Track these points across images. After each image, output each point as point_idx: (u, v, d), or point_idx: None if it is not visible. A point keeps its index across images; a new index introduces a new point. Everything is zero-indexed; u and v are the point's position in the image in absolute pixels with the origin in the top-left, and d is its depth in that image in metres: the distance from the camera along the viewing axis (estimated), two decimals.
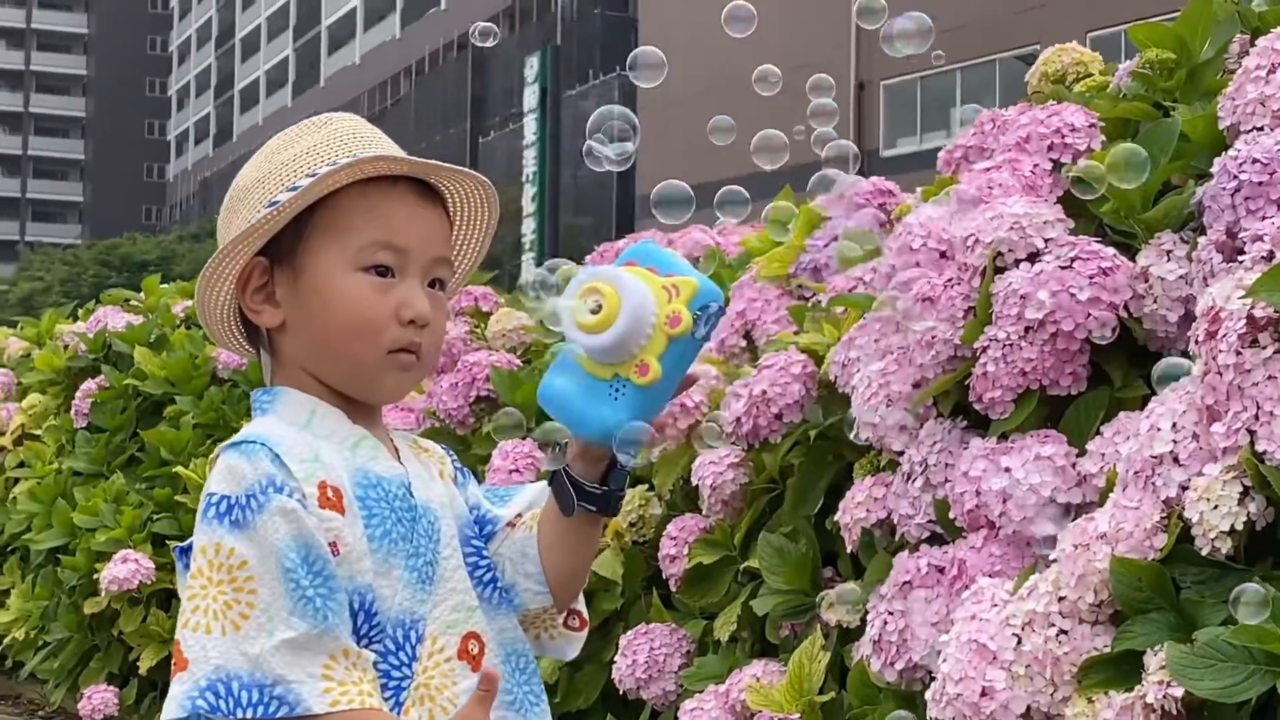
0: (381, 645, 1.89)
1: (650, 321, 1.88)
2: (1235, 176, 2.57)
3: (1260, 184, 2.54)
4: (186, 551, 1.87)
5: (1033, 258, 2.75)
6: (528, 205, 45.17)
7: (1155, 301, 2.66)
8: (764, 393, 3.28)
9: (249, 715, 1.75)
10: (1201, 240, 2.62)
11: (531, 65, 46.68)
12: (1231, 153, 2.62)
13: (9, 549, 7.44)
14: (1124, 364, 2.70)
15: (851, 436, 3.01)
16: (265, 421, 1.93)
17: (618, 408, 1.90)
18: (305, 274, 1.94)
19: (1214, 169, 2.63)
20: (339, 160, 1.94)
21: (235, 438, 1.89)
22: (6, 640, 7.14)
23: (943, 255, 2.94)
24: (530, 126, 46.29)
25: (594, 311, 1.88)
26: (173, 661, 1.80)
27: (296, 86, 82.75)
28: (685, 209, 2.38)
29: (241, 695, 1.76)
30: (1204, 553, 2.30)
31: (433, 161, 1.98)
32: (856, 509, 3.00)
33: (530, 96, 46.49)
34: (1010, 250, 2.77)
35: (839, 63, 33.17)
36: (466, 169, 2.04)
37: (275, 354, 2.00)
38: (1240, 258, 2.46)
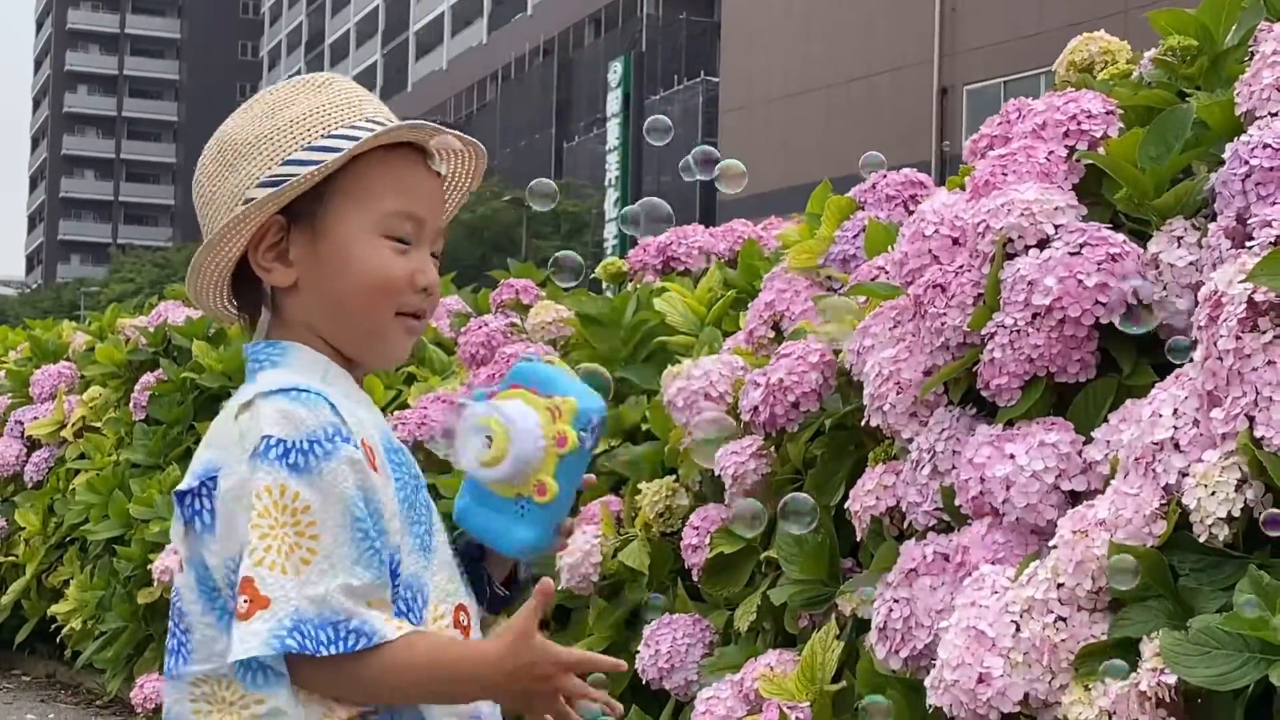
0: (395, 607, 1.90)
1: (539, 446, 1.96)
2: (1246, 162, 2.54)
3: (1271, 169, 2.51)
4: (183, 496, 1.85)
5: (1043, 244, 2.73)
6: (610, 210, 45.21)
7: (1165, 288, 2.63)
8: (781, 381, 3.27)
9: (328, 653, 1.77)
10: (1212, 226, 2.59)
11: (615, 70, 46.70)
12: (1244, 138, 2.58)
13: (69, 540, 7.53)
14: (1133, 351, 2.67)
15: (862, 423, 3.00)
16: (285, 373, 1.91)
17: (528, 524, 1.98)
18: (327, 236, 1.95)
19: (1226, 154, 2.60)
20: (356, 123, 1.95)
21: (273, 384, 1.86)
22: (65, 630, 7.23)
23: (955, 242, 2.92)
24: (613, 132, 46.31)
25: (485, 447, 1.97)
26: (241, 598, 1.78)
27: (384, 92, 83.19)
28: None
29: (319, 635, 1.78)
30: (1202, 540, 2.28)
31: (459, 133, 2.01)
32: (866, 497, 2.98)
33: (613, 102, 46.51)
34: (1020, 236, 2.74)
35: (922, 68, 33.02)
36: (477, 142, 2.06)
37: (278, 313, 1.98)
38: (1249, 243, 2.42)
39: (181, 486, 1.87)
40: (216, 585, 1.84)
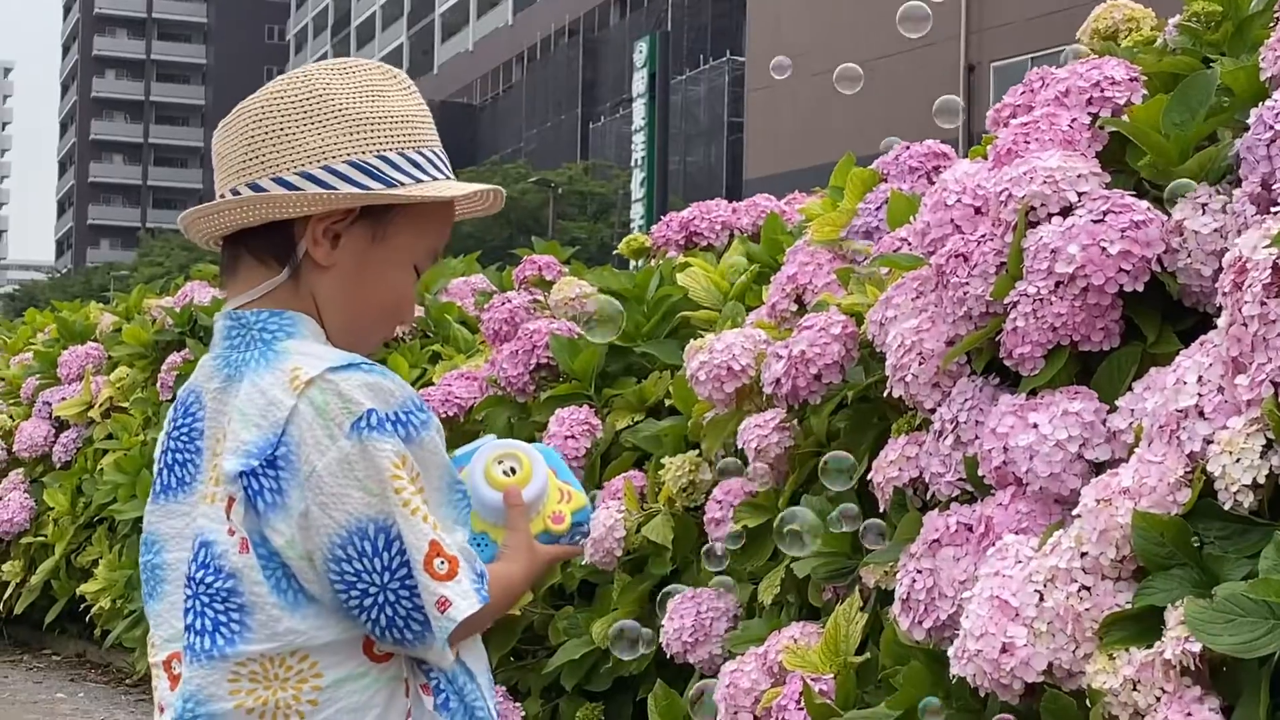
0: None
1: (537, 509, 2.12)
2: (1271, 127, 2.51)
3: None
4: (242, 476, 1.82)
5: (1066, 212, 2.70)
6: (636, 190, 45.16)
7: (1189, 255, 2.60)
8: (803, 353, 3.25)
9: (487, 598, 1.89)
10: (1236, 192, 2.56)
11: (640, 50, 46.57)
12: (1269, 103, 2.55)
13: (97, 520, 7.56)
14: (1157, 319, 2.65)
15: (885, 394, 2.98)
16: (313, 344, 1.92)
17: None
18: (383, 245, 1.97)
19: (1250, 120, 2.57)
20: (439, 150, 2.00)
21: (330, 358, 1.86)
22: (94, 609, 7.26)
23: (978, 211, 2.90)
24: (639, 112, 46.22)
25: (507, 473, 2.11)
26: (437, 560, 1.83)
27: (410, 74, 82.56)
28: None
29: (483, 583, 1.89)
30: (1226, 507, 2.26)
31: (500, 189, 2.11)
32: (889, 468, 2.97)
33: (639, 82, 46.39)
34: (1043, 204, 2.72)
35: (948, 44, 32.88)
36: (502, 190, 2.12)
37: (297, 278, 1.96)
38: (1274, 209, 2.40)
39: (238, 466, 1.83)
40: (286, 563, 1.82)
